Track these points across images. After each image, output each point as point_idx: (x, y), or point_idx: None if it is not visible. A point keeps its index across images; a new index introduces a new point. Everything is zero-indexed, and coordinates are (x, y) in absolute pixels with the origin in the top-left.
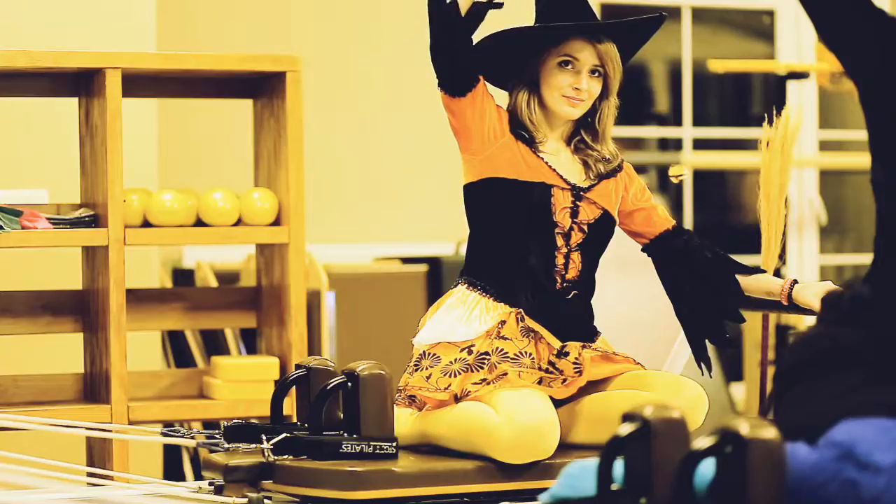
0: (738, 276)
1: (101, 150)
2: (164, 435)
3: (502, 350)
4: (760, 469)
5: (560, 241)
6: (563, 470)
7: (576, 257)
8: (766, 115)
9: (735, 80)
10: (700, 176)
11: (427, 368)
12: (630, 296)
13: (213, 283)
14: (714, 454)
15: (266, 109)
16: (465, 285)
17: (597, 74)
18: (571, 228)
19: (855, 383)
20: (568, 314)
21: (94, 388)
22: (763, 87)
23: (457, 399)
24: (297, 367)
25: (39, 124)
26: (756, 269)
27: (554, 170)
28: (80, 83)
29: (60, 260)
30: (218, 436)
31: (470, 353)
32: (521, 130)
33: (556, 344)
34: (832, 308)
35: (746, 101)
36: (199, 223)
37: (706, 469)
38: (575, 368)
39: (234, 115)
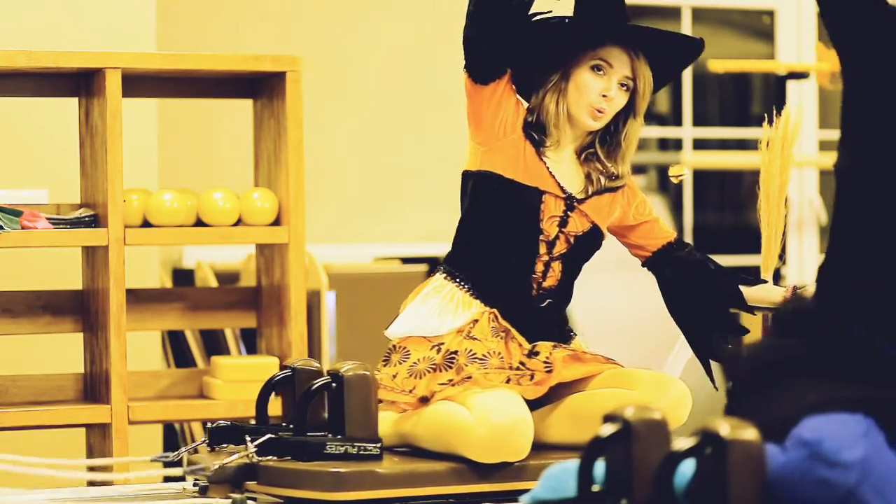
0: (740, 288)
1: (101, 150)
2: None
3: (471, 351)
4: (740, 470)
5: (542, 249)
6: (544, 471)
7: (556, 266)
8: (766, 115)
9: (735, 80)
10: (700, 176)
11: (395, 364)
12: (630, 296)
13: (213, 283)
14: (694, 455)
15: (266, 109)
16: (444, 275)
17: (625, 88)
18: (557, 238)
19: (807, 386)
20: (541, 321)
21: (94, 388)
22: (763, 87)
23: (423, 401)
24: (283, 367)
25: (39, 124)
26: (758, 280)
27: (553, 176)
28: (80, 83)
29: (60, 260)
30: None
31: (439, 350)
32: (533, 131)
33: (527, 345)
34: (778, 320)
35: (746, 101)
36: (199, 223)
37: (688, 470)
38: (546, 368)
39: (234, 115)
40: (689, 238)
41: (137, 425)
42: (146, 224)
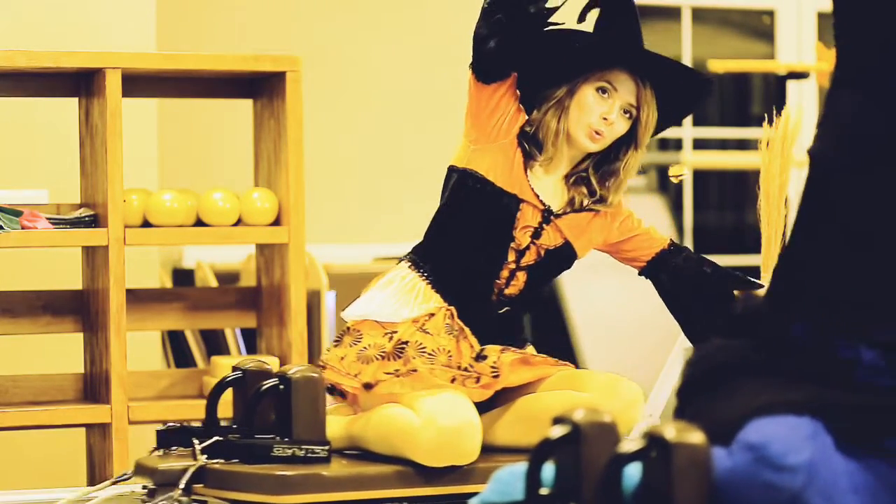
0: (738, 292)
1: (101, 150)
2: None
3: (421, 344)
4: (685, 474)
5: (511, 257)
6: (493, 474)
7: (521, 276)
8: (766, 115)
9: (735, 80)
10: (700, 176)
11: (346, 346)
12: (629, 297)
13: (213, 283)
14: (640, 458)
15: (266, 109)
16: (409, 264)
17: (628, 115)
18: (528, 248)
19: (756, 388)
20: (495, 327)
21: (94, 388)
22: (763, 87)
23: (367, 388)
24: (234, 369)
25: (39, 124)
26: (756, 284)
27: (532, 189)
28: (80, 83)
29: (60, 260)
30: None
31: (391, 339)
32: (528, 143)
33: (476, 346)
34: (727, 322)
35: (746, 101)
36: (199, 223)
37: (637, 473)
38: (492, 373)
39: (234, 115)
40: (689, 238)
41: (137, 425)
42: (146, 224)
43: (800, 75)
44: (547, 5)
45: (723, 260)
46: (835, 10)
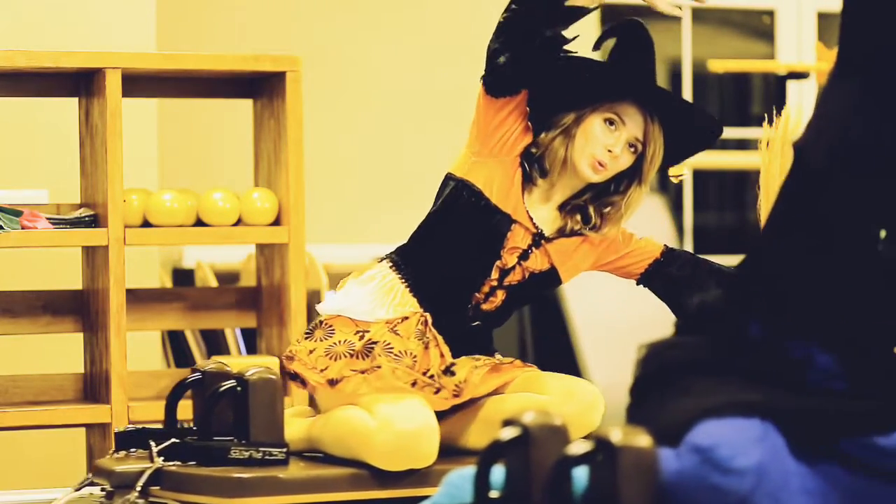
0: None
1: (101, 150)
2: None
3: (388, 344)
4: (631, 478)
5: (495, 274)
6: (444, 477)
7: (500, 294)
8: (766, 115)
9: (735, 80)
10: (700, 176)
11: (317, 340)
12: (631, 297)
13: (213, 283)
14: (586, 462)
15: (266, 109)
16: (391, 264)
17: (633, 150)
18: (513, 268)
19: (707, 388)
20: (465, 340)
21: (94, 388)
22: (763, 87)
23: (332, 384)
24: (193, 370)
25: (39, 124)
26: None
27: (528, 211)
28: (80, 83)
29: (60, 260)
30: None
31: (361, 338)
32: (531, 165)
33: (448, 357)
34: (685, 319)
35: (746, 101)
36: (199, 223)
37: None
38: (454, 392)
39: (234, 115)
40: (689, 238)
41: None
42: (146, 224)
43: (800, 75)
44: (564, 33)
45: (723, 260)
46: (844, 4)
